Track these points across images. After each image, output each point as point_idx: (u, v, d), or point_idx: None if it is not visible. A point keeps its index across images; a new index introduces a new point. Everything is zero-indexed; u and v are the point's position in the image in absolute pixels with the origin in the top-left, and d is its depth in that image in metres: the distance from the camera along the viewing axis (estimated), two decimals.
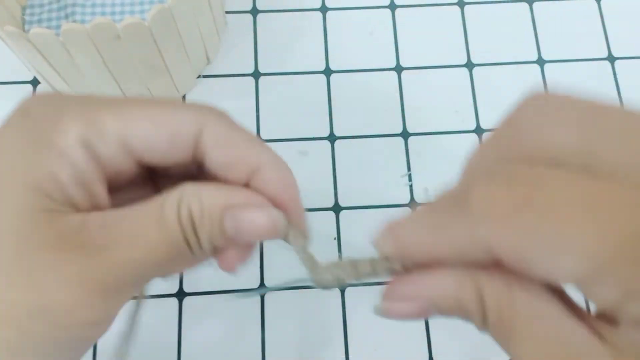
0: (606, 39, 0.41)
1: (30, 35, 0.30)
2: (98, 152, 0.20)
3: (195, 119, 0.20)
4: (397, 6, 0.42)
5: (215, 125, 0.21)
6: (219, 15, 0.38)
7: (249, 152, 0.21)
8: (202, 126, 0.20)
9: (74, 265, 0.18)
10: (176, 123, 0.20)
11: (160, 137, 0.20)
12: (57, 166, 0.19)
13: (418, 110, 0.39)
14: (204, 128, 0.20)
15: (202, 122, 0.21)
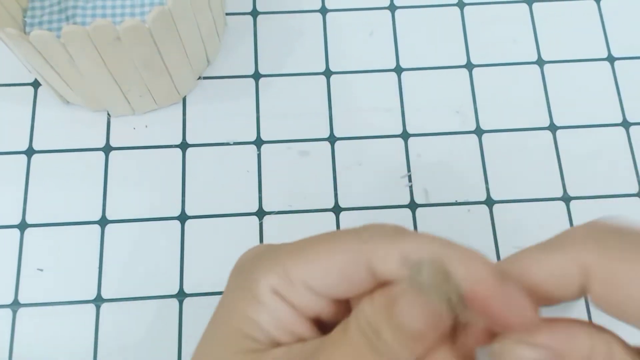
0: (606, 39, 0.41)
1: (31, 37, 0.31)
2: (288, 297, 0.22)
3: (358, 254, 0.21)
4: (397, 7, 0.42)
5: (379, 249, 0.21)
6: (219, 17, 0.38)
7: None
8: (367, 259, 0.21)
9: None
10: (344, 262, 0.21)
11: (335, 279, 0.22)
12: (256, 314, 0.22)
13: (418, 111, 0.39)
14: (370, 258, 0.21)
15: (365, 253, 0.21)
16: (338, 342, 0.20)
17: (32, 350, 0.33)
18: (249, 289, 0.22)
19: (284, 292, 0.22)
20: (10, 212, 0.36)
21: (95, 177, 0.37)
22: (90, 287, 0.35)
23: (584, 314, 0.35)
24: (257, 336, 0.22)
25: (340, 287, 0.22)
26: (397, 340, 0.19)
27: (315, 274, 0.22)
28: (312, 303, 0.22)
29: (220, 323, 0.23)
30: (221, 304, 0.23)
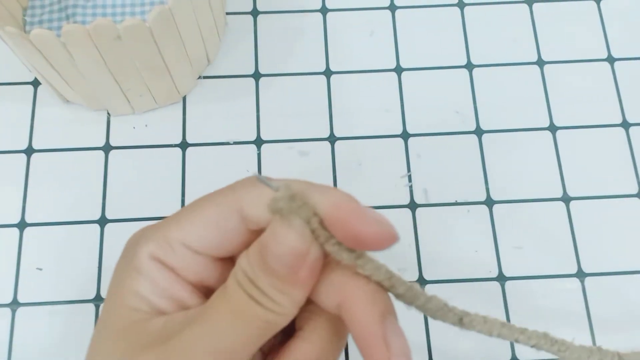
0: (606, 40, 0.41)
1: (31, 36, 0.30)
2: (167, 261, 0.22)
3: (230, 204, 0.22)
4: (397, 7, 0.42)
5: (248, 194, 0.22)
6: (219, 16, 0.38)
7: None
8: (239, 207, 0.22)
9: (152, 358, 0.20)
10: (217, 214, 0.22)
11: (211, 232, 0.22)
12: (136, 283, 0.22)
13: (418, 111, 0.39)
14: (241, 206, 0.22)
15: (236, 201, 0.22)
16: (217, 302, 0.21)
17: (31, 350, 0.33)
18: (130, 261, 0.22)
19: (163, 257, 0.22)
20: (9, 211, 0.36)
21: (95, 177, 0.37)
22: (90, 287, 0.35)
23: (583, 315, 0.35)
24: (139, 306, 0.22)
25: (217, 241, 0.22)
26: (273, 285, 0.20)
27: (192, 232, 0.22)
28: (194, 264, 0.22)
29: (107, 300, 0.23)
30: (110, 283, 0.23)
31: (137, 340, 0.21)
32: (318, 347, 0.22)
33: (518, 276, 0.35)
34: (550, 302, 0.35)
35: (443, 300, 0.22)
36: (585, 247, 0.36)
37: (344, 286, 0.21)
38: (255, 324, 0.20)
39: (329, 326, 0.22)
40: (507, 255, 0.36)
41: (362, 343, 0.20)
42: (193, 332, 0.20)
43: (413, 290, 0.21)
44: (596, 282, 0.35)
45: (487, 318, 0.22)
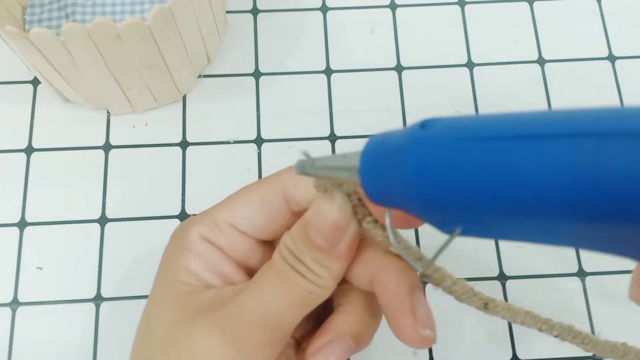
0: (607, 38, 0.41)
1: (30, 35, 0.30)
2: (215, 241, 0.25)
3: (275, 185, 0.25)
4: (398, 5, 0.42)
5: (292, 178, 0.25)
6: (219, 15, 0.38)
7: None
8: (283, 187, 0.24)
9: (207, 321, 0.22)
10: (262, 196, 0.25)
11: (256, 213, 0.25)
12: (187, 260, 0.24)
13: (419, 109, 0.39)
14: (285, 187, 0.24)
15: (280, 182, 0.25)
16: (265, 274, 0.23)
17: (32, 349, 0.33)
18: (181, 241, 0.25)
19: (211, 237, 0.25)
20: (9, 210, 0.36)
21: (95, 176, 0.37)
22: (90, 286, 0.35)
23: (584, 314, 0.35)
24: (190, 280, 0.24)
25: (261, 220, 0.25)
26: (315, 259, 0.22)
27: (237, 213, 0.25)
28: (240, 244, 0.25)
29: (159, 277, 0.25)
30: (160, 263, 0.25)
31: (191, 308, 0.23)
32: (357, 319, 0.24)
33: (519, 275, 0.35)
34: (551, 301, 0.35)
35: (469, 284, 0.23)
36: None
37: (377, 262, 0.23)
38: (299, 293, 0.22)
39: (365, 302, 0.24)
40: (507, 254, 0.36)
41: (391, 312, 0.22)
42: (245, 298, 0.22)
43: (441, 272, 0.22)
44: (597, 281, 0.35)
45: (512, 306, 0.23)
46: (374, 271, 0.23)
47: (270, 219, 0.25)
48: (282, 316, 0.22)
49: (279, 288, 0.22)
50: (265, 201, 0.24)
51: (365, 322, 0.24)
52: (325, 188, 0.21)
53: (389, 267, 0.22)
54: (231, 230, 0.25)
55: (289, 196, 0.24)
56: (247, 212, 0.25)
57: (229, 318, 0.22)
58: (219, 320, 0.22)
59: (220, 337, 0.22)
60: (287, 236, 0.22)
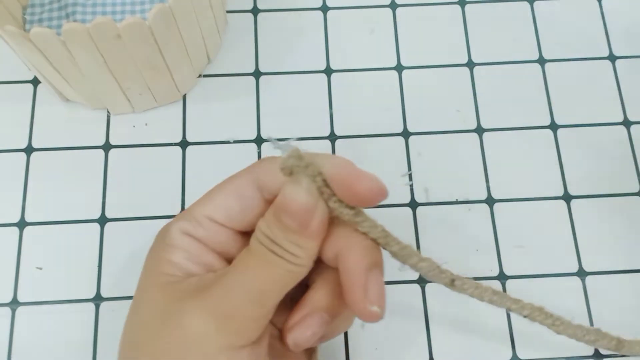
0: (607, 38, 0.41)
1: (30, 34, 0.30)
2: (195, 234, 0.26)
3: (247, 176, 0.26)
4: (398, 5, 0.42)
5: (263, 167, 0.26)
6: (219, 15, 0.38)
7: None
8: (255, 177, 0.26)
9: (194, 303, 0.23)
10: (237, 188, 0.26)
11: (232, 205, 0.26)
12: (169, 255, 0.25)
13: (419, 109, 0.39)
14: (258, 177, 0.25)
15: (253, 173, 0.26)
16: (245, 257, 0.24)
17: (31, 349, 0.33)
18: (163, 239, 0.26)
19: (191, 231, 0.26)
20: (9, 210, 0.36)
21: (95, 175, 0.37)
22: (90, 286, 0.35)
23: (584, 314, 0.35)
24: (174, 272, 0.25)
25: (237, 211, 0.26)
26: (289, 239, 0.23)
27: (215, 206, 0.26)
28: (219, 236, 0.26)
29: (144, 273, 0.26)
30: (145, 262, 0.27)
31: (177, 294, 0.24)
32: (330, 293, 0.25)
33: (519, 275, 0.35)
34: (551, 301, 0.34)
35: (437, 263, 0.24)
36: (586, 246, 0.36)
37: (343, 240, 0.24)
38: (278, 273, 0.23)
39: (337, 277, 0.24)
40: (508, 254, 0.36)
41: (346, 286, 0.23)
42: (228, 280, 0.23)
43: (406, 250, 0.24)
44: (597, 281, 0.35)
45: (480, 284, 0.24)
46: (339, 248, 0.24)
47: (245, 209, 0.26)
48: (266, 293, 0.23)
49: (259, 270, 0.23)
50: (240, 193, 0.26)
51: (337, 296, 0.25)
52: (291, 171, 0.22)
53: (352, 245, 0.24)
54: (210, 223, 0.26)
55: (261, 185, 0.25)
56: (223, 205, 0.26)
57: (215, 298, 0.23)
58: (206, 300, 0.23)
59: (208, 315, 0.23)
60: (262, 222, 0.24)
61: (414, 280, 0.35)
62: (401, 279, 0.35)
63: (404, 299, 0.35)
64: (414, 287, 0.35)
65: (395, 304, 0.34)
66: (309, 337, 0.25)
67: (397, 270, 0.25)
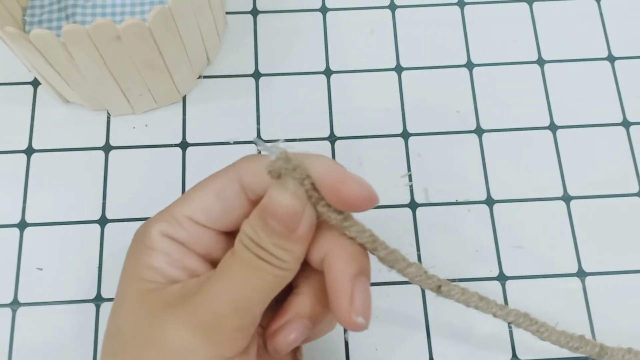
0: (606, 38, 0.41)
1: (30, 36, 0.30)
2: (176, 236, 0.25)
3: (230, 175, 0.25)
4: (398, 6, 0.42)
5: (247, 165, 0.25)
6: (219, 16, 0.38)
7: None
8: (238, 175, 0.24)
9: (177, 314, 0.22)
10: (219, 187, 0.25)
11: (213, 205, 0.25)
12: (150, 259, 0.24)
13: (418, 110, 0.39)
14: (241, 176, 0.24)
15: (235, 172, 0.24)
16: (229, 262, 0.23)
17: (32, 350, 0.33)
18: (142, 241, 0.25)
19: (172, 232, 0.24)
20: (9, 211, 0.36)
21: (95, 176, 0.37)
22: (90, 287, 0.35)
23: (584, 315, 0.35)
24: (155, 278, 0.24)
25: (219, 211, 0.25)
26: (275, 244, 0.22)
27: (196, 206, 0.25)
28: (201, 237, 0.25)
29: (123, 278, 0.25)
30: (123, 265, 0.26)
31: (159, 303, 0.23)
32: (313, 299, 0.24)
33: (518, 275, 0.35)
34: (550, 301, 0.35)
35: (424, 268, 0.24)
36: (586, 247, 0.36)
37: (330, 244, 0.23)
38: (264, 278, 0.22)
39: (320, 282, 0.24)
40: (507, 254, 0.36)
41: (332, 294, 0.23)
42: (212, 287, 0.22)
43: (394, 255, 0.23)
44: (597, 281, 0.35)
45: (466, 290, 0.24)
46: (326, 253, 0.23)
47: (228, 209, 0.25)
48: (251, 300, 0.22)
49: (244, 275, 0.22)
50: (221, 192, 0.25)
51: (320, 302, 0.24)
52: (279, 173, 0.22)
53: (339, 250, 0.23)
54: (191, 224, 0.25)
55: (246, 185, 0.24)
56: (204, 204, 0.25)
57: (199, 307, 0.22)
58: (189, 311, 0.22)
59: (192, 327, 0.22)
60: (246, 224, 0.23)
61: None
62: (401, 279, 0.35)
63: (404, 300, 0.35)
64: (414, 288, 0.35)
65: (396, 304, 0.35)
66: (290, 343, 0.24)
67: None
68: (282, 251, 0.22)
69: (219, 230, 0.25)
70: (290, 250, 0.22)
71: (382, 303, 0.34)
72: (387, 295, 0.35)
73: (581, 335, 0.26)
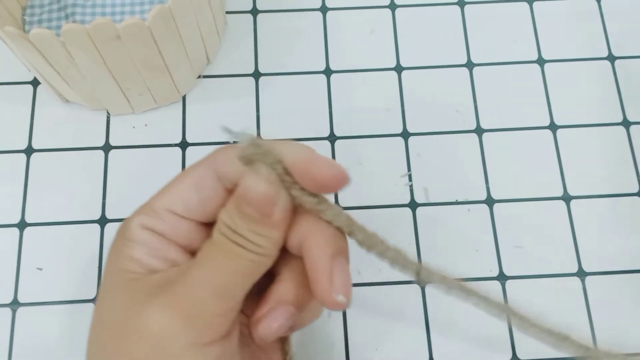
0: (606, 38, 0.41)
1: (30, 35, 0.30)
2: (156, 228, 0.25)
3: (206, 166, 0.25)
4: (398, 6, 0.42)
5: (222, 154, 0.25)
6: (219, 16, 0.38)
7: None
8: (214, 166, 0.25)
9: (157, 301, 0.22)
10: (195, 178, 0.25)
11: (191, 196, 0.25)
12: (130, 250, 0.24)
13: (418, 110, 0.39)
14: (216, 166, 0.25)
15: (211, 162, 0.25)
16: (207, 251, 0.23)
17: (32, 350, 0.33)
18: (123, 234, 0.25)
19: (151, 224, 0.25)
20: (9, 211, 0.36)
21: (95, 176, 0.37)
22: (90, 287, 0.35)
23: (584, 315, 0.35)
24: (135, 268, 0.24)
25: (197, 202, 0.25)
26: (252, 230, 0.22)
27: (174, 197, 0.25)
28: (181, 228, 0.25)
29: (106, 271, 0.25)
30: (107, 259, 0.26)
31: (140, 292, 0.23)
32: (296, 285, 0.25)
33: (518, 275, 0.35)
34: (551, 301, 0.35)
35: (404, 252, 0.24)
36: (586, 246, 0.36)
37: (307, 228, 0.24)
38: (243, 264, 0.23)
39: (302, 268, 0.24)
40: (507, 254, 0.36)
41: (312, 276, 0.23)
42: (192, 275, 0.23)
43: (372, 238, 0.23)
44: (597, 281, 0.35)
45: (447, 277, 0.24)
46: (303, 237, 0.24)
47: (205, 199, 0.25)
48: (230, 285, 0.23)
49: (222, 260, 0.23)
50: (199, 183, 0.25)
51: (303, 288, 0.25)
52: (250, 160, 0.22)
53: (316, 233, 0.23)
54: (170, 215, 0.25)
55: (221, 175, 0.25)
56: (182, 196, 0.25)
57: (179, 294, 0.22)
58: (169, 298, 0.22)
59: (173, 313, 0.22)
60: (223, 212, 0.23)
61: (414, 280, 0.35)
62: (402, 279, 0.35)
63: (404, 300, 0.35)
64: (414, 288, 0.35)
65: (396, 304, 0.35)
66: (275, 330, 0.24)
67: (397, 271, 0.25)
68: (258, 237, 0.23)
69: (198, 221, 0.26)
70: (266, 236, 0.23)
71: (382, 302, 0.34)
72: (387, 295, 0.35)
73: (566, 335, 0.26)
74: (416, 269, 0.24)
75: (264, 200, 0.22)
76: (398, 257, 0.24)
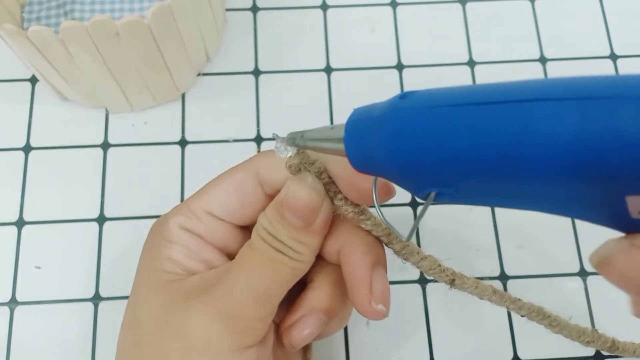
0: (608, 37, 0.41)
1: (29, 33, 0.30)
2: (194, 229, 0.25)
3: (248, 170, 0.25)
4: (399, 3, 0.41)
5: (264, 160, 0.25)
6: (219, 13, 0.38)
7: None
8: (255, 170, 0.25)
9: (198, 304, 0.23)
10: (236, 182, 0.25)
11: (231, 199, 0.25)
12: (169, 251, 0.25)
13: None
14: (258, 171, 0.25)
15: (253, 167, 0.25)
16: (247, 254, 0.24)
17: (30, 348, 0.33)
18: (161, 234, 0.25)
19: (190, 226, 0.25)
20: (7, 209, 0.36)
21: (94, 174, 0.37)
22: (89, 285, 0.34)
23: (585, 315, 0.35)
24: (173, 269, 0.24)
25: (237, 205, 0.25)
26: (292, 237, 0.23)
27: (213, 200, 0.25)
28: (218, 231, 0.25)
29: (141, 270, 0.26)
30: (140, 257, 0.26)
31: (179, 293, 0.23)
32: (328, 293, 0.25)
33: (520, 275, 0.35)
34: (552, 301, 0.34)
35: (438, 261, 0.24)
36: (587, 246, 0.36)
37: (346, 236, 0.24)
38: (282, 270, 0.23)
39: (335, 277, 0.25)
40: (509, 254, 0.35)
41: (350, 284, 0.23)
42: (232, 278, 0.23)
43: (409, 248, 0.24)
44: (598, 281, 0.35)
45: (480, 283, 0.24)
46: (342, 245, 0.24)
47: (245, 203, 0.25)
48: (270, 291, 0.23)
49: (263, 266, 0.23)
50: (239, 186, 0.25)
51: (335, 296, 0.25)
52: (298, 168, 0.22)
53: (356, 242, 0.24)
54: (209, 217, 0.25)
55: (263, 179, 0.25)
56: (222, 199, 0.25)
57: (220, 298, 0.23)
58: (210, 301, 0.23)
59: (214, 316, 0.22)
60: (263, 217, 0.24)
61: (414, 280, 0.35)
62: (402, 279, 0.35)
63: (404, 299, 0.34)
64: (414, 287, 0.35)
65: (396, 304, 0.34)
66: (305, 337, 0.25)
67: (398, 270, 0.25)
68: (298, 244, 0.23)
69: (236, 224, 0.26)
70: (306, 243, 0.23)
71: None
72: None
73: (594, 330, 0.26)
74: (451, 277, 0.24)
75: (308, 209, 0.22)
76: (433, 266, 0.24)
